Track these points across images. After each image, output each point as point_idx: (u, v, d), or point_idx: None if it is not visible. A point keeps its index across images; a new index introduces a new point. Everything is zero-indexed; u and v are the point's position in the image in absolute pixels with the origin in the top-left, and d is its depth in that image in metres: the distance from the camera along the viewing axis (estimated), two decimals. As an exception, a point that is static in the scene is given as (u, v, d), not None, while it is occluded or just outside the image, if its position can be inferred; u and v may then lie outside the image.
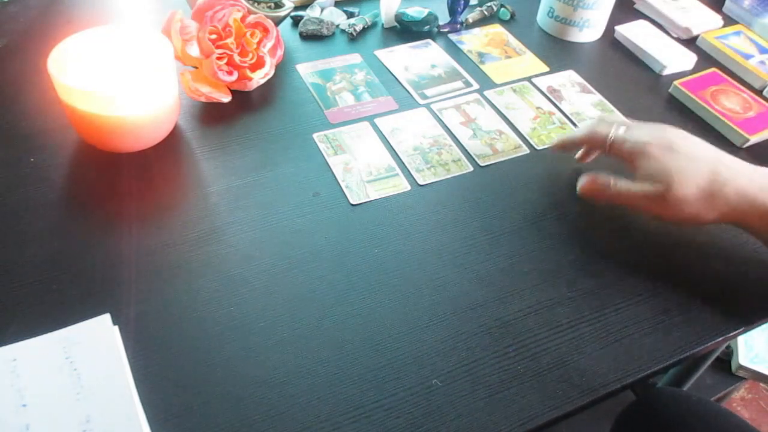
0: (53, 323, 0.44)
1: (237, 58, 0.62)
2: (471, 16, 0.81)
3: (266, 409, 0.42)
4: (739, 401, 1.12)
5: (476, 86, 0.71)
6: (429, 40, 0.77)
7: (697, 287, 0.52)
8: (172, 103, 0.59)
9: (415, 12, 0.77)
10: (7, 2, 0.76)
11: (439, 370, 0.45)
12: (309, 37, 0.76)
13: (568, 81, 0.73)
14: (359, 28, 0.77)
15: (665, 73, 0.75)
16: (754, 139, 0.66)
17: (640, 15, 0.85)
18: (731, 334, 0.49)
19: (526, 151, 0.63)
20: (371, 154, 0.61)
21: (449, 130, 0.65)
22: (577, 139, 0.58)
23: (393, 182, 0.59)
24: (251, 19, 0.64)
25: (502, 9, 0.82)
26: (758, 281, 0.53)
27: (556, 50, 0.78)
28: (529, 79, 0.73)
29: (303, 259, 0.51)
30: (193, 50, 0.60)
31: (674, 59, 0.75)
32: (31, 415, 0.39)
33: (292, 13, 0.76)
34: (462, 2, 0.77)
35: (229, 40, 0.61)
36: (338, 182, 0.58)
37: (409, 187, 0.58)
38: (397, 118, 0.66)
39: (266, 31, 0.65)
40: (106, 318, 0.45)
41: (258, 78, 0.64)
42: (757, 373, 1.13)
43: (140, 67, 0.60)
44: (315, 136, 0.63)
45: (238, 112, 0.65)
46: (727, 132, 0.67)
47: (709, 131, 0.68)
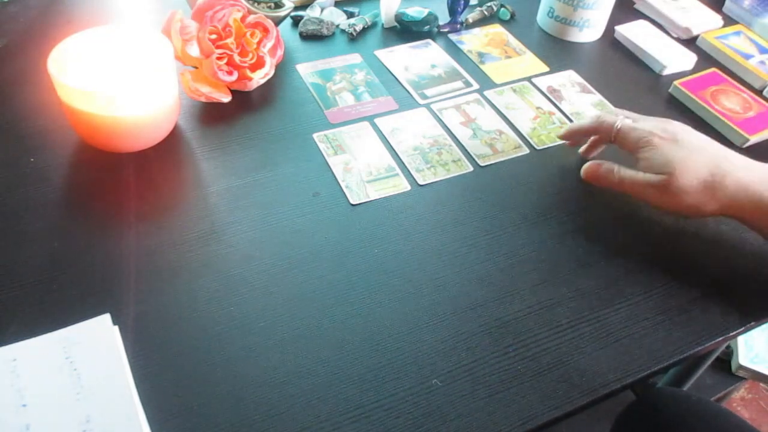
0: (53, 323, 0.44)
1: (237, 58, 0.62)
2: (471, 16, 0.81)
3: (266, 409, 0.42)
4: (739, 401, 1.12)
5: (476, 86, 0.71)
6: (429, 40, 0.77)
7: (697, 287, 0.52)
8: (172, 103, 0.59)
9: (415, 12, 0.77)
10: (7, 2, 0.76)
11: (439, 370, 0.45)
12: (309, 37, 0.76)
13: (568, 81, 0.73)
14: (359, 28, 0.77)
15: (665, 73, 0.75)
16: (754, 139, 0.66)
17: (640, 15, 0.85)
18: (731, 333, 0.49)
19: (526, 151, 0.63)
20: (371, 154, 0.61)
21: (449, 130, 0.65)
22: (585, 128, 0.60)
23: (393, 182, 0.59)
24: (251, 19, 0.64)
25: (502, 9, 0.82)
26: (758, 281, 0.53)
27: (556, 50, 0.78)
28: (529, 79, 0.73)
29: (303, 259, 0.51)
30: (193, 50, 0.60)
31: (674, 59, 0.75)
32: (31, 415, 0.39)
33: (292, 13, 0.76)
34: (462, 2, 0.77)
35: (229, 40, 0.61)
36: (338, 182, 0.58)
37: (409, 187, 0.58)
38: (397, 118, 0.66)
39: (266, 31, 0.65)
40: (106, 318, 0.45)
41: (258, 78, 0.64)
42: (757, 373, 1.13)
43: (140, 67, 0.60)
44: (315, 136, 0.63)
45: (238, 112, 0.65)
46: (727, 132, 0.67)
47: (709, 131, 0.68)
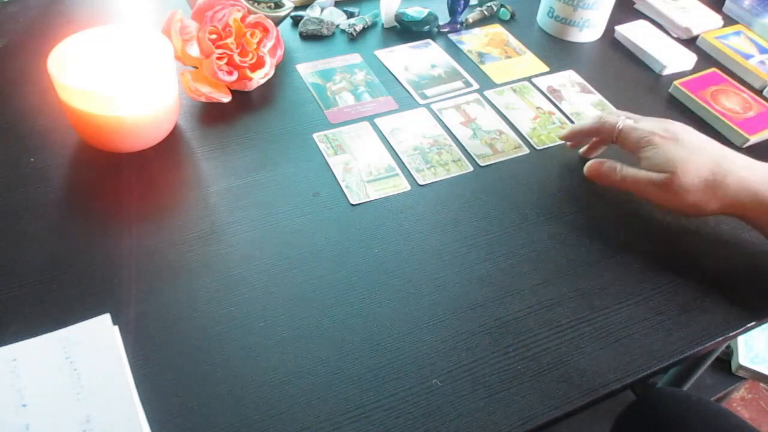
0: (53, 323, 0.44)
1: (237, 58, 0.62)
2: (471, 16, 0.81)
3: (266, 409, 0.42)
4: (739, 401, 1.12)
5: (476, 86, 0.71)
6: (429, 40, 0.77)
7: (698, 287, 0.52)
8: (172, 103, 0.59)
9: (415, 12, 0.77)
10: (7, 2, 0.76)
11: (439, 370, 0.45)
12: (309, 37, 0.76)
13: (568, 81, 0.73)
14: (359, 28, 0.77)
15: (665, 73, 0.75)
16: (754, 139, 0.66)
17: (640, 15, 0.85)
18: (732, 333, 0.49)
19: (526, 151, 0.63)
20: (371, 154, 0.61)
21: (449, 130, 0.65)
22: (586, 128, 0.60)
23: (393, 182, 0.59)
24: (251, 19, 0.64)
25: (502, 9, 0.82)
26: (758, 281, 0.53)
27: (556, 50, 0.78)
28: (529, 79, 0.73)
29: (303, 259, 0.51)
30: (193, 50, 0.60)
31: (674, 59, 0.75)
32: (31, 415, 0.39)
33: (292, 13, 0.76)
34: (462, 2, 0.77)
35: (229, 40, 0.61)
36: (338, 182, 0.58)
37: (409, 187, 0.58)
38: (397, 118, 0.66)
39: (266, 31, 0.65)
40: (106, 318, 0.45)
41: (258, 78, 0.64)
42: (757, 373, 1.13)
43: (140, 67, 0.60)
44: (315, 136, 0.63)
45: (238, 112, 0.65)
46: (727, 132, 0.67)
47: (709, 131, 0.67)
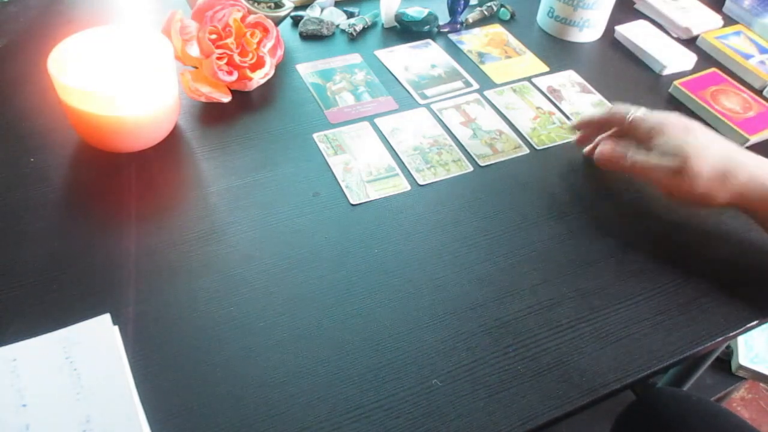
0: (53, 323, 0.44)
1: (237, 58, 0.62)
2: (471, 16, 0.81)
3: (266, 409, 0.42)
4: (739, 401, 1.12)
5: (476, 86, 0.71)
6: (429, 40, 0.77)
7: (697, 287, 0.52)
8: (172, 103, 0.59)
9: (415, 12, 0.77)
10: (7, 2, 0.76)
11: (439, 370, 0.45)
12: (309, 37, 0.76)
13: (568, 81, 0.73)
14: (359, 28, 0.77)
15: (665, 73, 0.75)
16: (754, 139, 0.66)
17: (640, 15, 0.85)
18: (732, 333, 0.49)
19: (526, 151, 0.63)
20: (371, 154, 0.61)
21: (449, 130, 0.65)
22: (597, 118, 0.60)
23: (393, 182, 0.59)
24: (251, 19, 0.64)
25: (502, 9, 0.82)
26: (759, 281, 0.53)
27: (556, 50, 0.78)
28: (529, 79, 0.73)
29: (303, 259, 0.51)
30: (193, 50, 0.60)
31: (674, 59, 0.75)
32: (31, 415, 0.39)
33: (292, 13, 0.76)
34: (462, 2, 0.77)
35: (229, 40, 0.61)
36: (338, 182, 0.58)
37: (409, 187, 0.58)
38: (397, 118, 0.66)
39: (266, 31, 0.65)
40: (106, 318, 0.45)
41: (258, 78, 0.64)
42: (757, 373, 1.13)
43: (140, 67, 0.60)
44: (315, 136, 0.63)
45: (238, 112, 0.65)
46: (727, 132, 0.67)
47: (709, 131, 0.68)
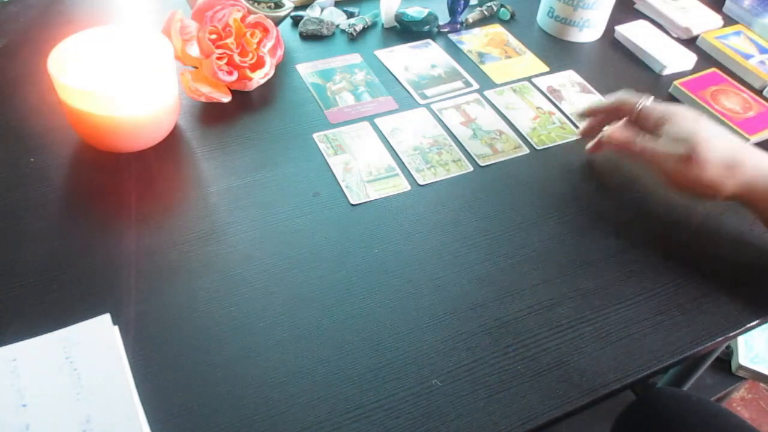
0: (53, 323, 0.44)
1: (237, 58, 0.62)
2: (471, 16, 0.81)
3: (266, 409, 0.42)
4: (739, 401, 1.12)
5: (476, 86, 0.71)
6: (429, 40, 0.77)
7: (697, 287, 0.52)
8: (172, 103, 0.59)
9: (415, 12, 0.77)
10: (7, 2, 0.76)
11: (439, 370, 0.45)
12: (309, 37, 0.76)
13: (568, 81, 0.73)
14: (359, 28, 0.77)
15: (665, 73, 0.75)
16: (754, 139, 0.66)
17: (640, 15, 0.85)
18: (732, 333, 0.49)
19: (526, 151, 0.63)
20: (371, 154, 0.61)
21: (449, 130, 0.65)
22: (605, 106, 0.60)
23: (393, 182, 0.59)
24: (251, 19, 0.64)
25: (502, 9, 0.82)
26: (759, 281, 0.53)
27: (556, 50, 0.78)
28: (529, 79, 0.73)
29: (303, 259, 0.51)
30: (193, 50, 0.60)
31: (674, 59, 0.75)
32: (31, 415, 0.39)
33: (292, 13, 0.76)
34: (462, 2, 0.77)
35: (229, 40, 0.61)
36: (338, 182, 0.58)
37: (409, 187, 0.58)
38: (397, 118, 0.66)
39: (266, 31, 0.65)
40: (106, 318, 0.45)
41: (258, 78, 0.64)
42: (757, 373, 1.13)
43: (140, 67, 0.60)
44: (315, 136, 0.63)
45: (238, 112, 0.65)
46: (727, 132, 0.67)
47: (709, 131, 0.68)
